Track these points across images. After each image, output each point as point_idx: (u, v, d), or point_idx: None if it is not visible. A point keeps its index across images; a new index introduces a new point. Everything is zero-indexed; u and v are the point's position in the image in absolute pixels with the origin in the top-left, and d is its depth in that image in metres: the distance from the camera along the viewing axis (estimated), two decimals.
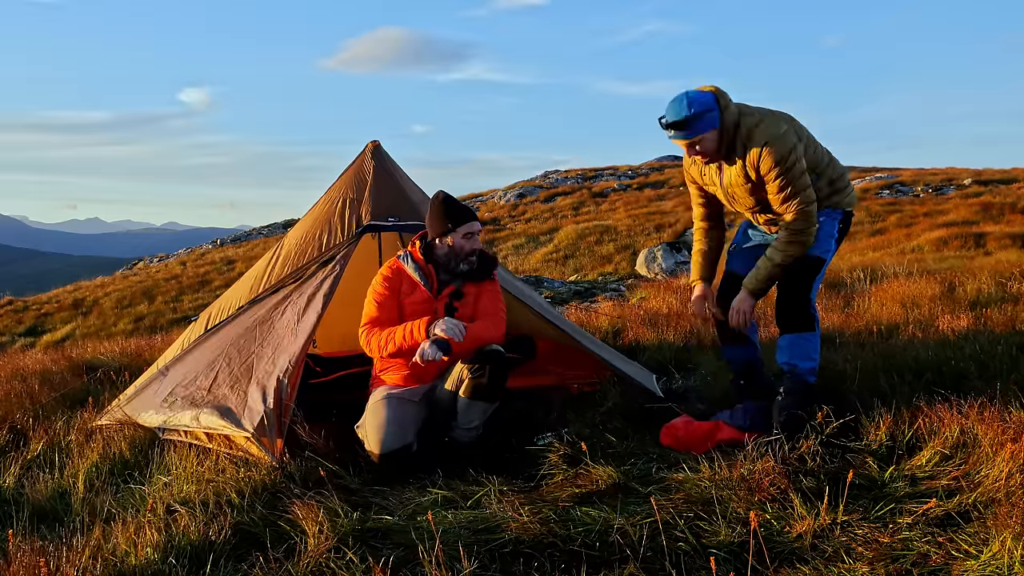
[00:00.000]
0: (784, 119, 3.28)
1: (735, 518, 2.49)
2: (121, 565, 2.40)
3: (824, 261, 3.44)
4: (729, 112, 3.26)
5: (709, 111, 3.22)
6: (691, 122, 3.21)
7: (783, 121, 3.26)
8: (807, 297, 3.42)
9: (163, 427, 3.60)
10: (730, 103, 3.28)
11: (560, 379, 4.42)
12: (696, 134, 3.24)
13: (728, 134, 3.28)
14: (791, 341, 3.44)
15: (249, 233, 33.15)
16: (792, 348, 3.43)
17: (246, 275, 4.62)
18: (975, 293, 6.07)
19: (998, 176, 23.43)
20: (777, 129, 3.19)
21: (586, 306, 9.01)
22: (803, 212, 3.25)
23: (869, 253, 12.55)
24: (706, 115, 3.21)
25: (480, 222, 3.57)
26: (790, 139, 3.19)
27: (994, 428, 2.82)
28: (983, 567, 2.10)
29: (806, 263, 3.39)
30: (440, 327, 3.22)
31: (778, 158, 3.17)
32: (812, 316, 3.43)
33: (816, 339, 3.44)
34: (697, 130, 3.23)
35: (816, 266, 3.42)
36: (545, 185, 30.80)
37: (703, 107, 3.21)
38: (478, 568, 2.25)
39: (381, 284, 3.53)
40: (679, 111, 3.23)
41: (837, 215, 3.49)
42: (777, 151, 3.16)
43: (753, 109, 3.34)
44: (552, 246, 19.30)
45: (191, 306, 18.44)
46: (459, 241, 3.47)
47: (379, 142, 4.49)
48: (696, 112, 3.20)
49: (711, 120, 3.23)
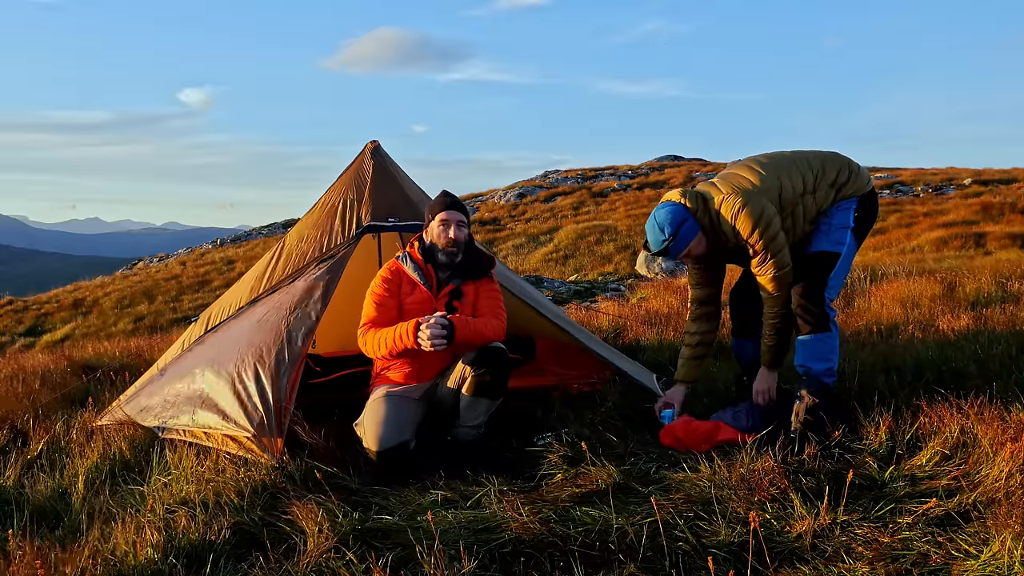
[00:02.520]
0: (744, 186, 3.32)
1: (735, 518, 2.49)
2: (121, 565, 2.40)
3: (838, 255, 3.36)
4: (701, 210, 3.35)
5: (684, 222, 3.32)
6: (673, 244, 3.32)
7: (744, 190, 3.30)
8: (822, 295, 3.35)
9: (163, 427, 3.60)
10: (698, 201, 3.36)
11: (560, 379, 4.42)
12: (683, 248, 3.36)
13: (711, 226, 3.37)
14: (806, 342, 3.38)
15: (249, 233, 33.15)
16: (807, 349, 3.38)
17: (246, 275, 4.62)
18: (975, 293, 6.07)
19: (998, 176, 23.44)
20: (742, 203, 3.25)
21: (586, 306, 9.02)
22: (776, 279, 3.33)
23: (869, 253, 12.55)
24: (682, 228, 3.32)
25: (465, 214, 3.56)
26: (757, 205, 3.25)
27: (994, 428, 2.82)
28: (983, 567, 2.10)
29: (818, 259, 3.35)
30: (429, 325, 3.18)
31: (752, 226, 3.24)
32: (827, 315, 3.36)
33: (833, 339, 3.38)
34: (682, 246, 3.35)
35: (829, 261, 3.35)
36: (545, 185, 30.80)
37: (676, 223, 3.31)
38: (478, 568, 2.25)
39: (380, 286, 3.53)
40: (657, 240, 3.36)
41: (851, 204, 3.41)
42: (750, 219, 3.23)
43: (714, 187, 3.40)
44: (552, 246, 19.30)
45: (191, 306, 18.44)
46: (436, 229, 3.49)
47: (379, 142, 4.48)
48: (672, 232, 3.31)
49: (689, 230, 3.33)
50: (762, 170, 3.37)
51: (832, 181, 3.39)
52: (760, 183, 3.31)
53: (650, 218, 3.38)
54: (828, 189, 3.38)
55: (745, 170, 3.41)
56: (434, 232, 3.51)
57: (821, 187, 3.37)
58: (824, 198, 3.37)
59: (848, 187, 3.40)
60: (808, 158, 3.43)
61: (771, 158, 3.46)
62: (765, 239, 3.24)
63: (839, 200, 3.39)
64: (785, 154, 3.47)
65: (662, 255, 3.39)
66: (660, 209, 3.37)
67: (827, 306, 3.37)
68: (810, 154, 3.45)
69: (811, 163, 3.40)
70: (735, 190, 3.31)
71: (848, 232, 3.39)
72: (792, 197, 3.33)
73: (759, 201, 3.25)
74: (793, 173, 3.36)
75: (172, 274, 23.30)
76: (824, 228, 3.40)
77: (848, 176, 3.41)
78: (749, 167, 3.41)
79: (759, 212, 3.23)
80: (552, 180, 32.18)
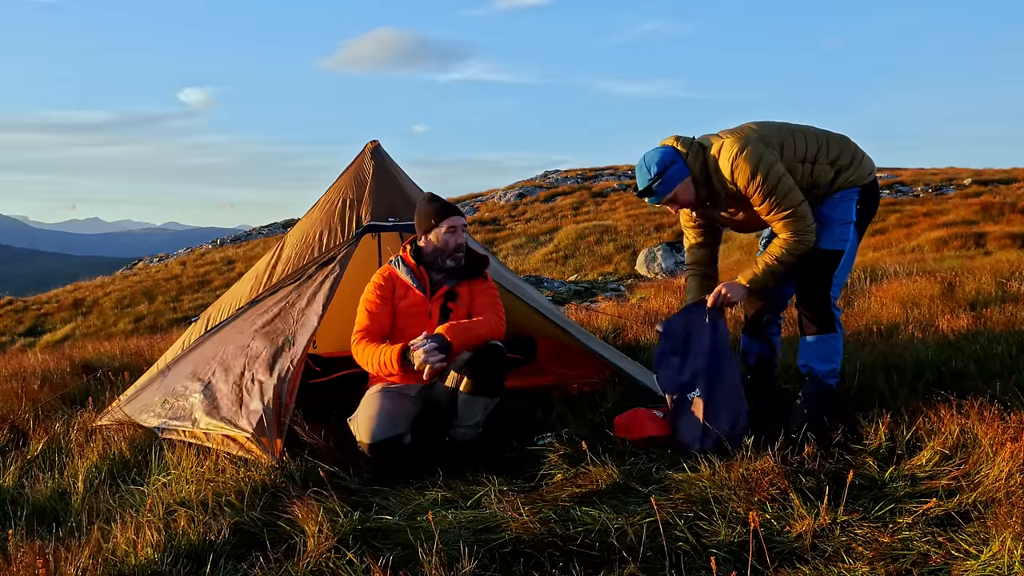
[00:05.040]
0: (745, 132, 3.22)
1: (735, 518, 2.49)
2: (121, 565, 2.39)
3: (841, 252, 3.29)
4: (693, 154, 3.24)
5: (672, 164, 3.22)
6: (658, 184, 3.22)
7: (744, 135, 3.19)
8: (827, 295, 3.30)
9: (162, 427, 3.60)
10: (691, 145, 3.25)
11: (560, 379, 4.42)
12: (669, 191, 3.25)
13: (701, 174, 3.26)
14: (810, 343, 3.35)
15: (249, 233, 33.15)
16: (811, 350, 3.35)
17: (246, 276, 4.62)
18: (975, 293, 6.08)
19: (998, 176, 23.44)
20: (741, 145, 3.15)
21: (586, 306, 9.02)
22: (794, 216, 3.17)
23: (869, 253, 12.55)
24: (670, 170, 3.21)
25: (464, 217, 3.55)
26: (756, 149, 3.13)
27: (994, 428, 2.82)
28: (983, 567, 2.10)
29: (822, 258, 3.28)
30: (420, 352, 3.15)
31: (752, 170, 3.12)
32: (833, 316, 3.32)
33: (837, 340, 3.34)
34: (668, 187, 3.24)
35: (833, 259, 3.28)
36: (545, 185, 30.80)
37: (664, 164, 3.21)
38: (478, 568, 2.25)
39: (373, 293, 3.51)
40: (643, 178, 3.25)
41: (853, 195, 3.31)
42: (748, 163, 3.11)
43: (715, 135, 3.29)
44: (552, 246, 19.31)
45: (191, 306, 18.45)
46: (443, 236, 3.47)
47: (379, 142, 4.49)
48: (659, 172, 3.20)
49: (677, 172, 3.23)
50: (765, 125, 3.30)
51: (833, 160, 3.29)
52: (762, 132, 3.23)
53: (640, 158, 3.30)
54: (827, 166, 3.28)
55: (749, 124, 3.34)
56: (440, 239, 3.48)
57: (820, 161, 3.26)
58: (821, 173, 3.26)
59: (849, 172, 3.29)
60: (815, 131, 3.34)
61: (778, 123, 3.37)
62: (770, 180, 3.11)
63: (839, 186, 3.29)
64: (791, 124, 3.38)
65: (647, 195, 3.27)
66: (651, 150, 3.29)
67: (832, 305, 3.33)
68: (819, 130, 3.37)
69: (817, 136, 3.32)
70: (735, 135, 3.22)
71: (851, 227, 3.31)
72: (791, 158, 3.23)
73: (759, 145, 3.15)
74: (797, 137, 3.28)
75: (172, 274, 23.31)
76: (827, 224, 3.30)
77: (850, 161, 3.31)
78: (754, 123, 3.33)
79: (759, 155, 3.12)
80: (552, 180, 32.19)
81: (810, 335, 3.35)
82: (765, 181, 3.12)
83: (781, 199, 3.14)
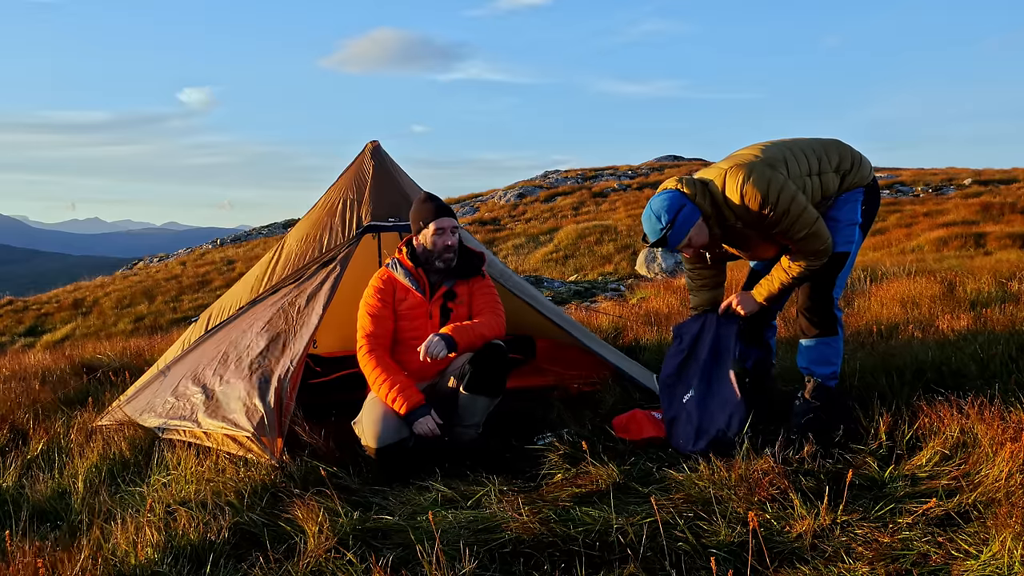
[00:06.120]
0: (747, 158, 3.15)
1: (735, 518, 2.49)
2: (121, 565, 2.39)
3: (848, 255, 3.27)
4: (700, 193, 3.15)
5: (681, 208, 3.11)
6: (671, 232, 3.12)
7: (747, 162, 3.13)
8: (830, 296, 3.28)
9: (163, 427, 3.60)
10: (696, 186, 3.16)
11: (560, 379, 4.42)
12: (683, 236, 3.15)
13: (713, 212, 3.17)
14: (811, 345, 3.33)
15: (249, 233, 33.14)
16: (812, 353, 3.33)
17: (246, 276, 4.62)
18: (975, 293, 6.07)
19: (998, 176, 23.44)
20: (746, 171, 3.08)
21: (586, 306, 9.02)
22: (811, 236, 3.10)
23: (869, 253, 12.55)
24: (680, 214, 3.11)
25: (455, 218, 3.54)
26: (763, 173, 3.06)
27: (994, 428, 2.82)
28: (983, 567, 2.10)
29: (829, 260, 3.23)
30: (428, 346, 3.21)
31: (763, 195, 3.04)
32: (835, 317, 3.30)
33: (838, 342, 3.32)
34: (681, 233, 3.14)
35: (839, 261, 3.25)
36: (545, 185, 30.80)
37: (673, 210, 3.11)
38: (478, 568, 2.25)
39: (374, 296, 3.51)
40: (654, 229, 3.15)
41: (857, 195, 3.28)
42: (758, 189, 3.04)
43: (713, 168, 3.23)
44: (552, 246, 19.30)
45: (191, 306, 18.45)
46: (431, 237, 3.47)
47: (379, 142, 4.49)
48: (670, 219, 3.10)
49: (688, 215, 3.12)
50: (765, 148, 3.25)
51: (836, 167, 3.26)
52: (764, 155, 3.18)
53: (646, 208, 3.21)
54: (833, 174, 3.25)
55: (745, 150, 3.30)
56: (429, 240, 3.48)
57: (826, 171, 3.24)
58: (830, 183, 3.23)
59: (853, 175, 3.27)
60: (811, 144, 3.31)
61: (772, 142, 3.33)
62: (783, 202, 3.03)
63: (845, 189, 3.27)
64: (785, 140, 3.35)
65: (660, 246, 3.18)
66: (656, 197, 3.21)
67: (835, 306, 3.32)
68: (812, 140, 3.34)
69: (814, 148, 3.28)
70: (736, 163, 3.15)
71: (856, 229, 3.29)
72: (799, 174, 3.17)
73: (765, 169, 3.08)
74: (796, 153, 3.23)
75: (172, 274, 23.30)
76: (833, 227, 3.26)
77: (852, 164, 3.29)
78: (750, 148, 3.29)
79: (767, 178, 3.05)
80: (552, 180, 32.19)
81: (811, 338, 3.34)
82: (778, 203, 3.05)
83: (796, 219, 3.08)
